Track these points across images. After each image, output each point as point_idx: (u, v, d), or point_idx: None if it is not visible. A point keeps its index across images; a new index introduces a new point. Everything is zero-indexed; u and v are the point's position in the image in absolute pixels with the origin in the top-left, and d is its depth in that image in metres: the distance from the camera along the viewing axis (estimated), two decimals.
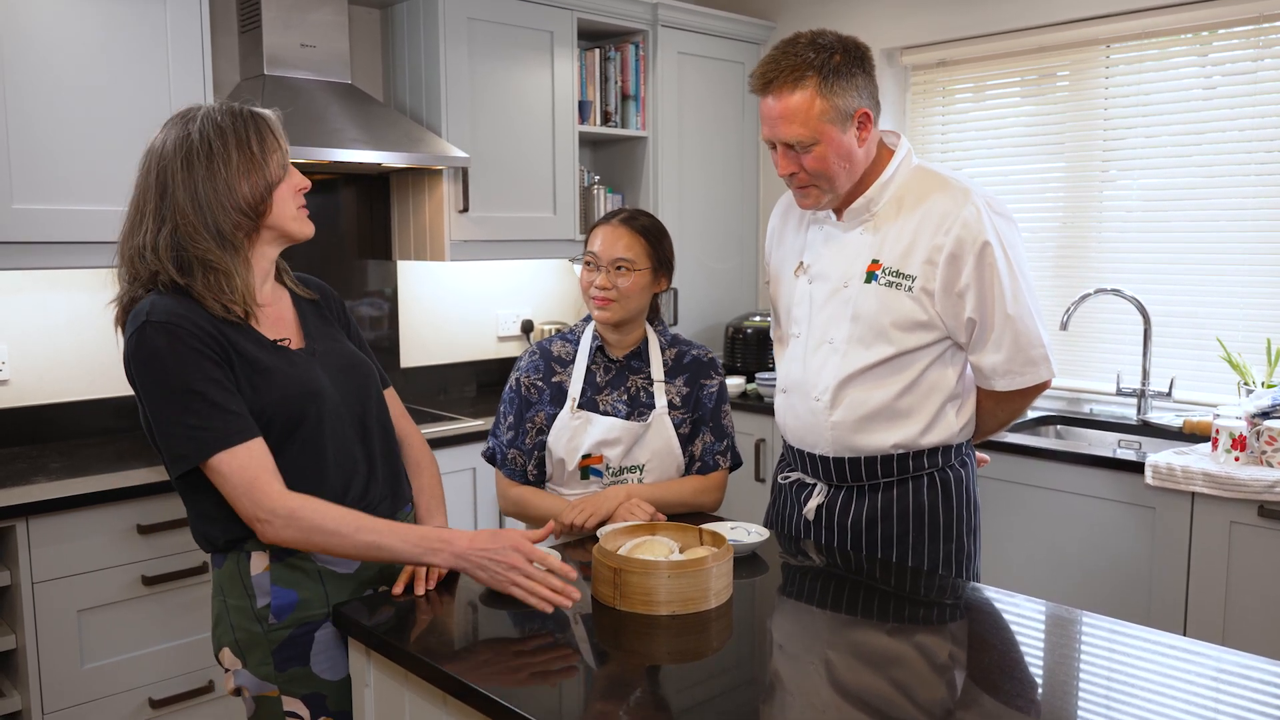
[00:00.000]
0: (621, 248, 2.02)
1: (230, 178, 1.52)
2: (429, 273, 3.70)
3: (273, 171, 1.56)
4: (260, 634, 1.58)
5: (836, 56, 1.78)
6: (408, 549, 1.54)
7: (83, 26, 2.55)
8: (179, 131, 1.53)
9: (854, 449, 1.92)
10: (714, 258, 4.11)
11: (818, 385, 1.92)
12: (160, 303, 1.50)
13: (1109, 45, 3.32)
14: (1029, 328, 1.85)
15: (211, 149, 1.51)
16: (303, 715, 1.60)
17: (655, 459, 2.08)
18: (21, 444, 2.83)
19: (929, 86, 3.80)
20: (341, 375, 1.66)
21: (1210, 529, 2.54)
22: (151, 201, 1.53)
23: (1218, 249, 3.13)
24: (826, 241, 1.95)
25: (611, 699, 1.30)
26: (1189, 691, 1.31)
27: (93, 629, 2.40)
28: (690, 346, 2.17)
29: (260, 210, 1.56)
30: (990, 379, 1.89)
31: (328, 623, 1.60)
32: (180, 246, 1.51)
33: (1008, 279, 1.81)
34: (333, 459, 1.60)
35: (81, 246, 2.58)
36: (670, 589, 1.52)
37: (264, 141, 1.56)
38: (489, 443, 2.17)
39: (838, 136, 1.80)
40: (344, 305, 1.83)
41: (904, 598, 1.67)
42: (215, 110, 1.56)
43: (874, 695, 1.31)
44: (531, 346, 2.18)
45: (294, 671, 1.59)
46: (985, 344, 1.86)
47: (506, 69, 3.42)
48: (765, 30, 4.13)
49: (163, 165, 1.53)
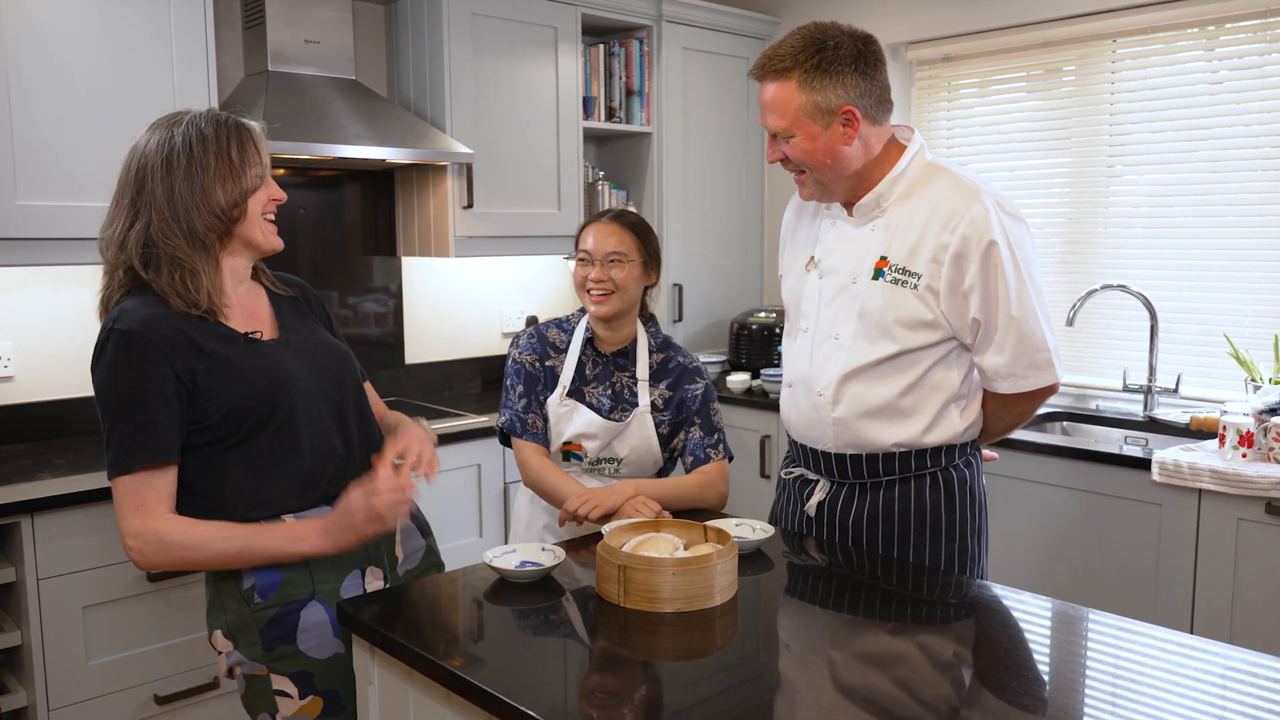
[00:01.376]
0: (614, 242, 2.12)
1: (207, 182, 1.57)
2: (433, 269, 3.70)
3: (249, 181, 1.61)
4: (248, 614, 1.61)
5: (826, 52, 1.77)
6: (275, 545, 1.57)
7: (87, 23, 2.55)
8: (163, 134, 1.59)
9: (855, 445, 1.91)
10: (719, 253, 4.10)
11: (821, 380, 1.92)
12: (130, 310, 1.55)
13: (1115, 40, 3.31)
14: (1033, 330, 1.83)
15: (192, 154, 1.57)
16: (291, 693, 1.63)
17: (633, 454, 2.14)
18: (26, 440, 2.83)
19: (934, 82, 3.79)
20: (316, 363, 1.69)
21: (1217, 526, 2.53)
22: (128, 196, 1.58)
23: (1225, 244, 3.12)
24: (837, 236, 1.94)
25: (615, 696, 1.30)
26: (1196, 689, 1.30)
27: (98, 625, 2.41)
28: (677, 353, 2.23)
29: (233, 216, 1.60)
30: (993, 381, 1.87)
31: (314, 601, 1.62)
32: (151, 243, 1.56)
33: (1013, 280, 1.79)
34: (307, 444, 1.63)
35: (86, 243, 2.58)
36: (675, 586, 1.51)
37: (244, 153, 1.61)
38: (503, 415, 2.18)
39: (816, 132, 1.80)
40: (322, 302, 1.87)
41: (908, 596, 1.67)
42: (200, 117, 1.61)
43: (878, 693, 1.31)
44: (530, 329, 2.24)
45: (281, 650, 1.61)
46: (989, 345, 1.84)
47: (511, 64, 3.42)
48: (770, 25, 4.11)
49: (143, 163, 1.58)
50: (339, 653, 1.64)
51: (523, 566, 1.69)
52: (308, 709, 1.63)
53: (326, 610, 1.63)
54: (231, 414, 1.57)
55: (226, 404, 1.56)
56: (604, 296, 2.10)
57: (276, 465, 1.60)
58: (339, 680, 1.65)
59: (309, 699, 1.63)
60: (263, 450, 1.59)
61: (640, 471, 2.17)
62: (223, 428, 1.57)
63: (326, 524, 1.58)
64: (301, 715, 1.63)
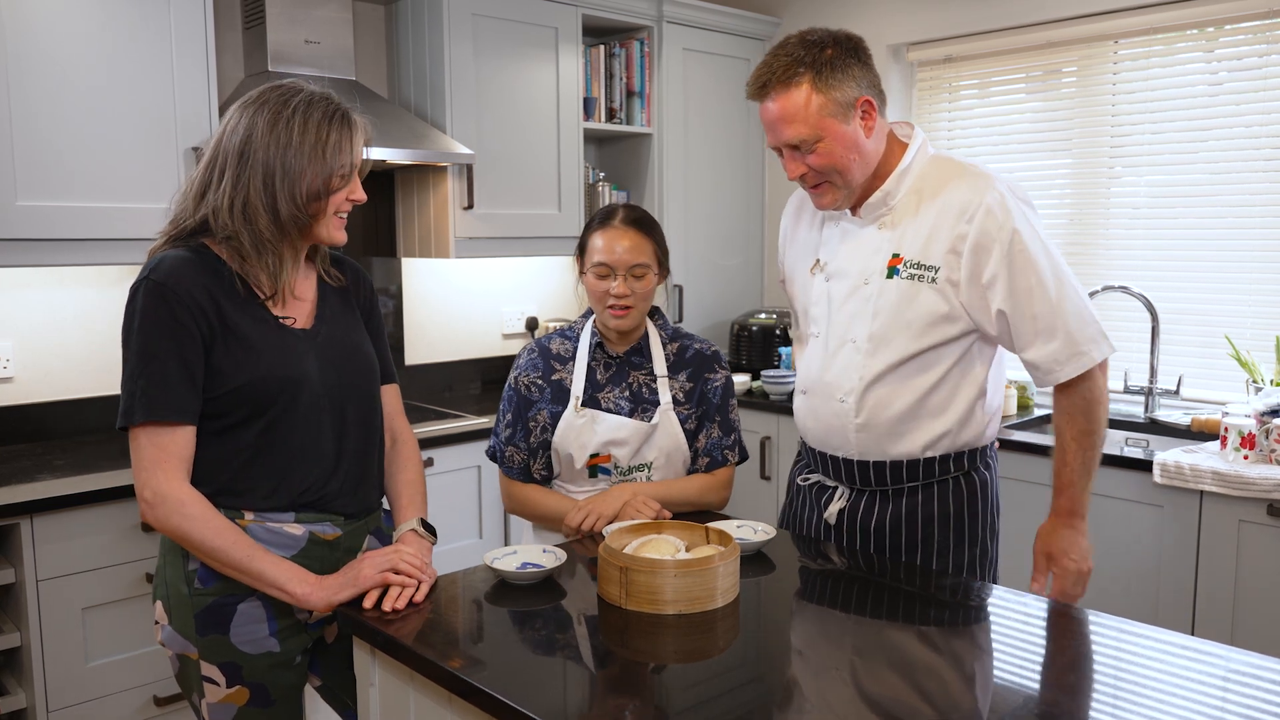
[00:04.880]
0: (636, 252, 2.00)
1: (298, 172, 1.56)
2: (433, 270, 3.70)
3: (335, 182, 1.60)
4: (186, 596, 1.61)
5: (828, 50, 1.75)
6: (271, 575, 1.55)
7: (87, 23, 2.54)
8: (271, 112, 1.57)
9: (880, 452, 1.87)
10: (719, 254, 4.10)
11: (842, 387, 1.88)
12: (168, 261, 1.55)
13: (1116, 41, 3.30)
14: (1080, 307, 1.77)
15: (292, 138, 1.55)
16: (218, 681, 1.63)
17: (663, 456, 2.06)
18: (26, 441, 2.83)
19: (935, 83, 3.79)
20: (334, 365, 1.67)
21: (1219, 528, 2.52)
22: (228, 163, 1.56)
23: (1226, 246, 3.11)
24: (843, 238, 1.91)
25: (617, 698, 1.29)
26: (1197, 691, 1.29)
27: (97, 627, 2.40)
28: (692, 340, 2.15)
29: (311, 211, 1.59)
30: (1052, 371, 1.79)
31: (252, 597, 1.62)
32: (240, 217, 1.56)
33: (1045, 264, 1.75)
34: (297, 447, 1.62)
35: (86, 243, 2.57)
36: (677, 588, 1.51)
37: (339, 152, 1.59)
38: (490, 441, 2.16)
39: (840, 129, 1.77)
40: (373, 292, 1.85)
41: (913, 597, 1.66)
42: (311, 104, 1.59)
43: (880, 695, 1.30)
44: (530, 344, 2.16)
45: (213, 638, 1.61)
46: (1035, 336, 1.77)
47: (511, 65, 3.41)
48: (770, 26, 4.11)
49: (249, 135, 1.56)
50: (271, 651, 1.64)
51: (524, 568, 1.69)
52: (234, 698, 1.64)
53: (265, 608, 1.63)
54: (229, 397, 1.56)
55: (228, 386, 1.56)
56: (627, 310, 2.00)
57: (257, 461, 1.59)
58: (268, 677, 1.64)
59: (235, 688, 1.63)
60: (248, 442, 1.58)
61: (671, 475, 2.08)
62: (216, 407, 1.56)
63: (331, 581, 1.58)
64: (228, 702, 1.64)
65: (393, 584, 1.58)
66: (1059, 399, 1.85)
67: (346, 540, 1.69)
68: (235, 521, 1.59)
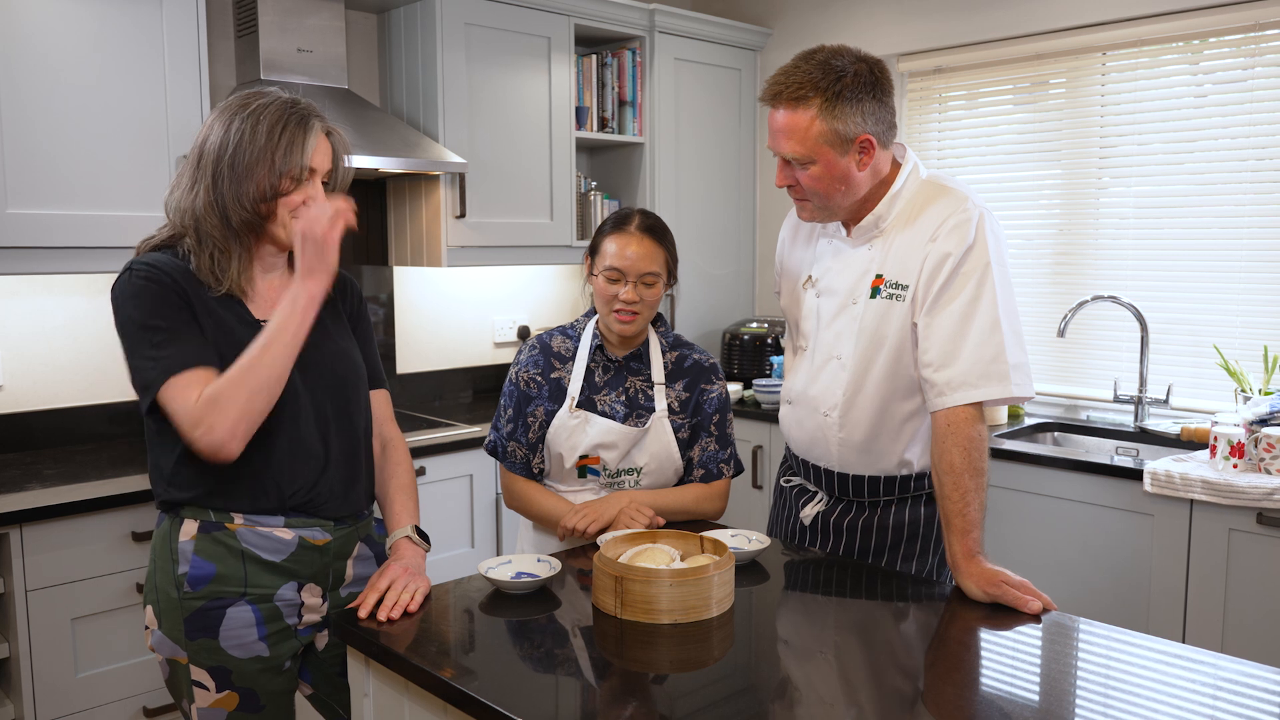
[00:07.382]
0: (648, 260, 2.00)
1: (248, 176, 1.57)
2: (425, 278, 3.69)
3: (284, 184, 1.59)
4: (175, 600, 1.61)
5: (846, 79, 1.75)
6: (292, 312, 1.54)
7: (79, 31, 2.54)
8: (229, 119, 1.58)
9: (860, 466, 1.92)
10: (711, 264, 4.11)
11: (826, 402, 1.92)
12: (147, 257, 1.59)
13: (1105, 53, 3.33)
14: (994, 341, 1.73)
15: (240, 144, 1.56)
16: (208, 686, 1.62)
17: (653, 462, 2.07)
18: (15, 450, 2.81)
19: (925, 93, 3.81)
20: (315, 369, 1.67)
21: (1209, 536, 2.53)
22: (192, 166, 1.60)
23: (1215, 256, 3.14)
24: (835, 256, 1.93)
25: (613, 708, 1.29)
26: (1187, 699, 1.30)
27: (87, 637, 2.39)
28: (691, 350, 2.16)
29: (261, 212, 1.59)
30: (946, 392, 1.74)
31: (242, 601, 1.61)
32: (197, 217, 1.58)
33: (986, 291, 1.74)
34: (284, 449, 1.62)
35: (77, 251, 2.56)
36: (672, 597, 1.51)
37: (290, 154, 1.59)
38: (490, 435, 2.16)
39: (835, 159, 1.78)
40: (362, 301, 1.86)
41: (906, 604, 1.67)
42: (270, 109, 1.59)
43: (873, 704, 1.31)
44: (532, 340, 2.16)
45: (203, 642, 1.61)
46: (954, 354, 1.74)
47: (503, 75, 3.42)
48: (762, 37, 4.13)
49: (204, 142, 1.59)
50: (261, 655, 1.63)
51: (518, 578, 1.68)
52: (223, 702, 1.63)
53: (255, 612, 1.62)
54: None
55: None
56: (634, 316, 2.01)
57: (243, 462, 1.57)
58: (257, 681, 1.64)
59: (225, 693, 1.63)
60: None
61: (661, 481, 2.10)
62: None
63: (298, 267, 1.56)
64: (218, 707, 1.63)
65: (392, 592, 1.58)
66: (939, 422, 1.77)
67: (336, 545, 1.69)
68: (225, 525, 1.60)
